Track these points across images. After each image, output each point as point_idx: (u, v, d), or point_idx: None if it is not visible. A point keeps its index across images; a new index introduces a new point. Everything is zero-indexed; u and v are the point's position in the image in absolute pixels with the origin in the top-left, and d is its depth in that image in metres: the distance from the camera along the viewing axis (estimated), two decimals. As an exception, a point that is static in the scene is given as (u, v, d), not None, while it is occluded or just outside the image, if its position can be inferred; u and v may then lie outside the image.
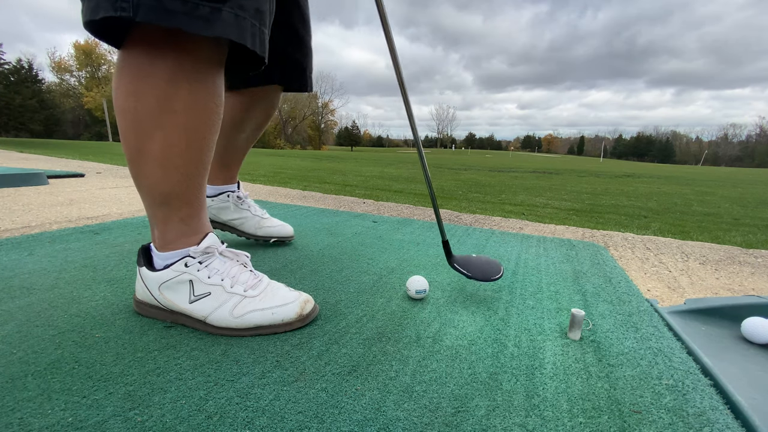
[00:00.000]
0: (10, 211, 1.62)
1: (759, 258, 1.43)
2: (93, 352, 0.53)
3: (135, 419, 0.41)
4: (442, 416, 0.45)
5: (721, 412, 0.47)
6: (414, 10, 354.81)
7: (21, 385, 0.46)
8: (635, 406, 0.48)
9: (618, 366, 0.57)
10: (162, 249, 0.63)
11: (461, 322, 0.69)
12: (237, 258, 0.67)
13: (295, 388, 0.48)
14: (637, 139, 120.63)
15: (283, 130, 57.37)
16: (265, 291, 0.64)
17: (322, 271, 0.92)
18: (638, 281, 1.13)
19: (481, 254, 1.06)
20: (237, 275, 0.64)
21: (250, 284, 0.64)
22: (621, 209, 3.99)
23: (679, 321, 0.74)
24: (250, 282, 0.64)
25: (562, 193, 5.40)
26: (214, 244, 0.64)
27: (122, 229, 1.24)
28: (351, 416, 0.44)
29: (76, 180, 2.94)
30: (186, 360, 0.53)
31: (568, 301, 0.81)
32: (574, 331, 0.64)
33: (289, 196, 2.60)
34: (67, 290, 0.73)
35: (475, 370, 0.54)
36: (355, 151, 58.18)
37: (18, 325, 0.60)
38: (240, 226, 1.07)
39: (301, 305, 0.63)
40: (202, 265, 0.62)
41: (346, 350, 0.57)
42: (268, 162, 9.70)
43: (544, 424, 0.44)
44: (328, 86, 68.32)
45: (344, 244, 1.17)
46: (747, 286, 1.14)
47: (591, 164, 25.77)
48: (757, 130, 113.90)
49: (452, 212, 2.25)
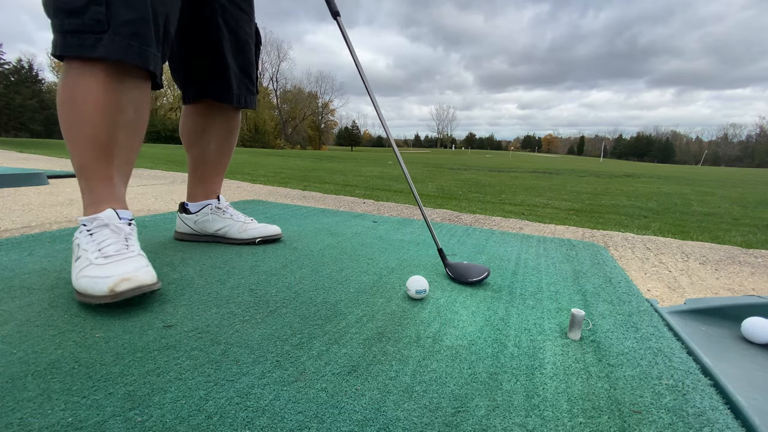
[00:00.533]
0: (10, 211, 1.62)
1: (759, 258, 1.43)
2: (93, 352, 0.53)
3: (135, 419, 0.41)
4: (442, 416, 0.44)
5: (721, 412, 0.47)
6: (415, 9, 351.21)
7: (21, 385, 0.46)
8: (635, 406, 0.48)
9: (618, 366, 0.57)
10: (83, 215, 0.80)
11: (461, 322, 0.69)
12: (119, 232, 0.76)
13: (295, 388, 0.48)
14: (637, 139, 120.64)
15: (283, 130, 57.36)
16: (114, 263, 0.69)
17: (322, 271, 0.92)
18: (638, 281, 1.13)
19: (477, 260, 1.06)
20: (107, 246, 0.72)
21: (106, 253, 0.70)
22: (621, 209, 3.99)
23: (679, 321, 0.74)
24: (109, 251, 0.71)
25: (562, 193, 5.40)
26: (104, 217, 0.76)
27: (122, 229, 1.24)
28: (351, 416, 0.44)
29: (77, 180, 2.94)
30: (186, 360, 0.53)
31: (568, 301, 0.81)
32: (574, 331, 0.64)
33: (289, 196, 2.60)
34: (67, 290, 0.73)
35: (475, 370, 0.54)
36: (355, 151, 58.24)
37: (18, 325, 0.60)
38: (226, 234, 1.13)
39: (116, 282, 0.64)
40: (89, 234, 0.74)
41: (346, 350, 0.57)
42: (268, 162, 9.71)
43: (544, 424, 0.44)
44: (328, 86, 68.35)
45: (344, 244, 1.17)
46: (747, 286, 1.14)
47: (591, 164, 25.77)
48: (757, 130, 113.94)
49: (452, 212, 2.25)
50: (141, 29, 0.73)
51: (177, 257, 0.97)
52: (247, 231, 1.12)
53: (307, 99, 62.68)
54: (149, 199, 2.16)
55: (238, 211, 1.19)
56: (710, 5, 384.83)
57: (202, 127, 1.12)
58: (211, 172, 1.18)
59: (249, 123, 47.79)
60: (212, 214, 1.12)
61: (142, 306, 0.68)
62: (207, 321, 0.64)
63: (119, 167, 0.84)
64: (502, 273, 0.97)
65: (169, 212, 1.59)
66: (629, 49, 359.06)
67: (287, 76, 62.21)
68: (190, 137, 1.14)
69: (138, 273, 0.67)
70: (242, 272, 0.88)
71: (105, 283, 0.64)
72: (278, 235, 1.16)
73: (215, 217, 1.12)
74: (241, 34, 1.06)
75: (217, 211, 1.13)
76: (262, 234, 1.13)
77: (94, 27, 0.69)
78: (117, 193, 0.83)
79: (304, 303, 0.73)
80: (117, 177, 0.83)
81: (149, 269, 0.71)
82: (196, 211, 1.13)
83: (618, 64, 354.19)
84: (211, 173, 1.18)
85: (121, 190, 0.86)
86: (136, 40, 0.73)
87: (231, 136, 1.19)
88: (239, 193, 2.61)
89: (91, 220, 0.76)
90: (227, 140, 1.18)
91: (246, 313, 0.67)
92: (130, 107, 0.81)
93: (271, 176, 5.32)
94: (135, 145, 0.87)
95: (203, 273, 0.87)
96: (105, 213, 0.77)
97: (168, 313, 0.66)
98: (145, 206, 1.90)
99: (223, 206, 1.14)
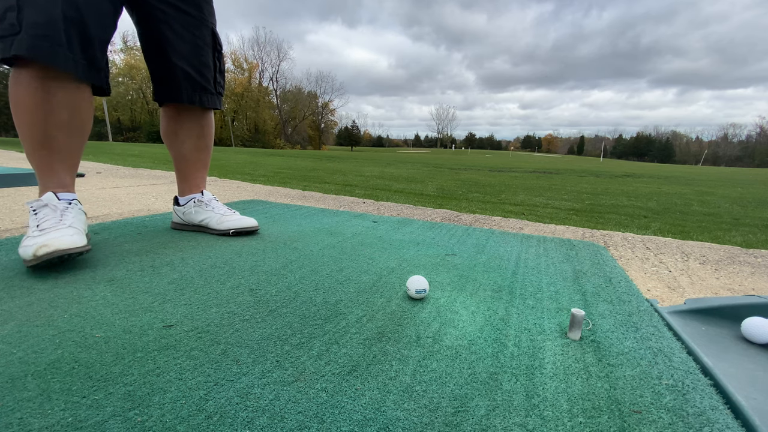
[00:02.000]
0: (10, 211, 1.62)
1: (759, 258, 1.43)
2: (93, 352, 0.53)
3: (135, 419, 0.41)
4: (442, 416, 0.44)
5: (721, 412, 0.47)
6: (418, 9, 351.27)
7: (21, 385, 0.46)
8: (635, 406, 0.48)
9: (618, 366, 0.57)
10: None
11: (461, 322, 0.69)
12: (56, 210, 0.89)
13: (295, 388, 0.48)
14: (637, 139, 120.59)
15: (282, 130, 57.31)
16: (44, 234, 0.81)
17: (322, 271, 0.92)
18: (638, 281, 1.13)
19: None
20: (44, 221, 0.86)
21: (42, 227, 0.84)
22: (621, 209, 3.99)
23: (679, 321, 0.74)
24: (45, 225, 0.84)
25: (562, 193, 5.40)
26: (44, 198, 0.90)
27: (122, 229, 1.24)
28: (351, 416, 0.44)
29: (76, 180, 2.94)
30: (186, 360, 0.53)
31: (568, 301, 0.81)
32: (574, 331, 0.64)
33: (289, 196, 2.60)
34: (67, 290, 0.73)
35: (475, 370, 0.54)
36: (355, 151, 58.16)
37: (18, 325, 0.60)
38: (207, 225, 1.24)
39: (36, 248, 0.77)
40: (34, 213, 0.88)
41: (346, 350, 0.57)
42: (268, 162, 9.70)
43: (544, 424, 0.44)
44: (328, 86, 68.28)
45: (344, 244, 1.17)
46: (747, 286, 1.14)
47: (591, 164, 25.76)
48: (757, 130, 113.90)
49: (452, 212, 2.24)
50: (50, 31, 0.80)
51: (177, 257, 0.97)
52: (224, 223, 1.21)
53: (306, 99, 62.66)
54: (149, 198, 2.16)
55: (222, 204, 1.29)
56: (715, 4, 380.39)
57: (173, 128, 1.23)
58: (192, 168, 1.28)
59: (249, 123, 47.79)
60: (195, 207, 1.24)
61: (142, 306, 0.68)
62: (207, 321, 0.64)
63: (61, 161, 0.95)
64: (502, 273, 0.97)
65: (169, 212, 1.59)
66: (632, 49, 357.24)
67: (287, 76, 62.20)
68: (167, 139, 1.26)
69: (56, 240, 0.79)
70: (242, 272, 0.88)
71: (30, 250, 0.77)
72: (253, 227, 1.23)
73: (198, 210, 1.24)
74: (189, 37, 1.12)
75: (200, 204, 1.25)
76: (236, 226, 1.21)
77: (9, 30, 0.78)
78: (60, 180, 0.96)
79: (304, 303, 0.73)
80: (60, 168, 0.95)
81: (73, 237, 0.83)
82: (184, 204, 1.26)
83: (620, 63, 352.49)
84: (192, 170, 1.28)
85: (64, 178, 0.97)
86: (47, 41, 0.80)
87: (204, 134, 1.27)
88: (239, 193, 2.61)
89: (35, 202, 0.90)
90: (201, 138, 1.27)
91: (246, 313, 0.67)
92: (63, 110, 0.90)
93: (271, 176, 5.32)
94: (76, 143, 0.96)
95: (203, 273, 0.87)
96: (46, 195, 0.91)
97: (168, 313, 0.66)
98: (145, 206, 1.90)
99: (206, 200, 1.26)
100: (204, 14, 1.15)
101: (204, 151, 1.29)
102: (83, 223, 0.94)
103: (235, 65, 51.30)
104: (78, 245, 0.82)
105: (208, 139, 1.29)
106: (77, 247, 0.82)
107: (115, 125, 42.52)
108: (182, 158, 1.26)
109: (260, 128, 49.46)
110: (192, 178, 1.28)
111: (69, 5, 0.82)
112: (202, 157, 1.29)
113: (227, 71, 49.59)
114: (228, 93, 46.61)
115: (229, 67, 50.03)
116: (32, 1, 0.78)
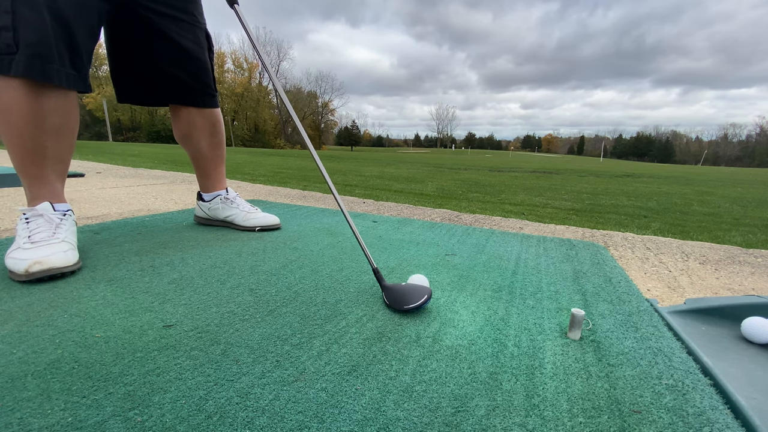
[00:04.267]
0: (10, 211, 1.62)
1: (759, 258, 1.43)
2: (93, 352, 0.53)
3: (135, 419, 0.41)
4: (442, 416, 0.44)
5: (721, 412, 0.47)
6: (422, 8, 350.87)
7: (21, 385, 0.46)
8: (635, 405, 0.48)
9: (618, 366, 0.57)
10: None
11: (461, 322, 0.69)
12: (51, 222, 0.88)
13: (295, 388, 0.48)
14: (637, 139, 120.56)
15: (282, 130, 57.31)
16: (36, 248, 0.80)
17: (322, 271, 0.92)
18: (638, 281, 1.13)
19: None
20: (37, 233, 0.84)
21: (34, 240, 0.82)
22: (621, 209, 3.99)
23: (679, 321, 0.74)
24: (36, 238, 0.83)
25: (562, 193, 5.40)
26: (40, 208, 0.89)
27: (122, 228, 1.24)
28: (351, 416, 0.44)
29: (76, 180, 2.94)
30: (186, 360, 0.53)
31: (568, 301, 0.81)
32: (574, 331, 0.64)
33: (289, 196, 2.60)
34: (67, 290, 0.73)
35: (475, 370, 0.54)
36: (355, 150, 58.18)
37: (18, 325, 0.60)
38: (233, 221, 1.32)
39: (29, 264, 0.76)
40: (26, 222, 0.87)
41: (346, 350, 0.57)
42: (268, 162, 9.71)
43: (544, 424, 0.44)
44: (327, 86, 68.27)
45: (344, 244, 1.17)
46: (747, 286, 1.14)
47: (591, 164, 25.75)
48: (757, 130, 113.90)
49: (452, 212, 2.24)
50: (42, 50, 0.83)
51: (177, 257, 0.97)
52: (250, 220, 1.30)
53: (306, 98, 62.64)
54: (149, 198, 2.16)
55: (245, 202, 1.37)
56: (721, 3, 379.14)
57: (188, 130, 1.27)
58: (211, 165, 1.35)
59: (249, 123, 47.77)
60: (222, 204, 1.33)
61: (142, 306, 0.68)
62: (207, 321, 0.64)
63: (53, 167, 0.94)
64: (502, 273, 0.97)
65: (169, 212, 1.59)
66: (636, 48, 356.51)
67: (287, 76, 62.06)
68: (182, 141, 1.30)
69: (51, 257, 0.79)
70: (242, 272, 0.88)
71: (23, 265, 0.76)
72: (277, 225, 1.33)
73: (224, 206, 1.32)
74: (181, 40, 1.14)
75: (226, 201, 1.33)
76: (261, 223, 1.30)
77: (5, 50, 0.81)
78: (53, 188, 0.95)
79: (304, 303, 0.73)
80: (52, 175, 0.95)
81: (67, 254, 0.82)
82: (209, 200, 1.34)
83: (624, 63, 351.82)
84: (211, 166, 1.35)
85: (56, 186, 0.96)
86: (39, 59, 0.83)
87: (216, 131, 1.32)
88: (239, 193, 2.61)
89: (29, 210, 0.89)
90: (214, 135, 1.32)
91: (246, 313, 0.67)
92: (55, 114, 0.90)
93: (271, 176, 5.32)
94: (65, 147, 0.96)
95: (203, 273, 0.87)
96: (41, 205, 0.90)
97: (168, 313, 0.66)
98: (144, 206, 1.90)
99: (231, 197, 1.34)
100: (195, 16, 1.17)
101: (219, 147, 1.35)
102: (75, 236, 0.94)
103: (235, 65, 51.26)
104: (71, 262, 0.82)
105: (221, 136, 1.35)
106: (71, 265, 0.82)
107: (115, 125, 42.54)
108: (201, 157, 1.32)
109: (260, 128, 49.46)
110: (213, 174, 1.36)
111: (58, 22, 0.84)
112: (219, 153, 1.35)
113: (227, 71, 49.45)
114: (228, 93, 46.59)
115: (229, 67, 50.00)
116: (25, 19, 0.80)
